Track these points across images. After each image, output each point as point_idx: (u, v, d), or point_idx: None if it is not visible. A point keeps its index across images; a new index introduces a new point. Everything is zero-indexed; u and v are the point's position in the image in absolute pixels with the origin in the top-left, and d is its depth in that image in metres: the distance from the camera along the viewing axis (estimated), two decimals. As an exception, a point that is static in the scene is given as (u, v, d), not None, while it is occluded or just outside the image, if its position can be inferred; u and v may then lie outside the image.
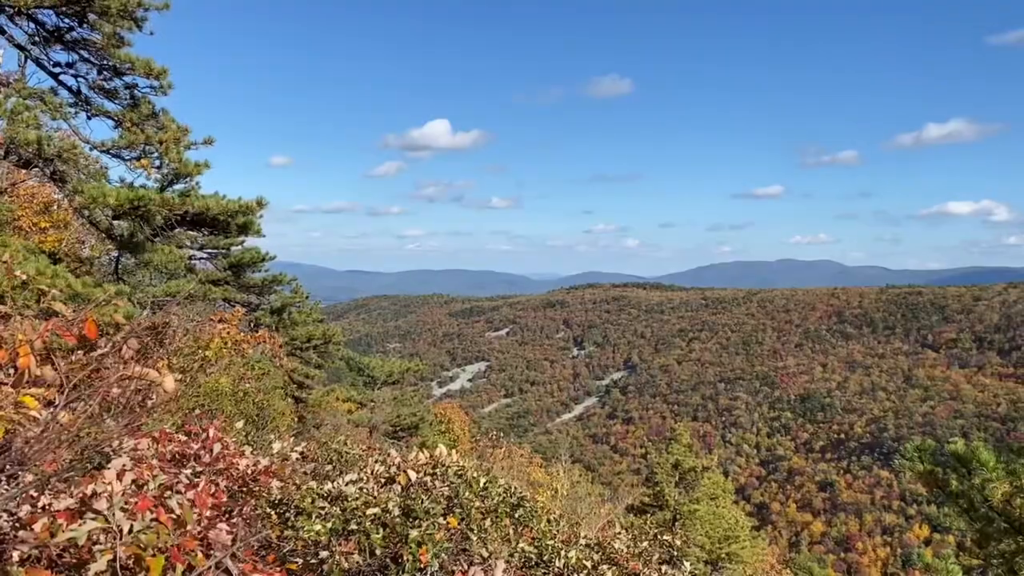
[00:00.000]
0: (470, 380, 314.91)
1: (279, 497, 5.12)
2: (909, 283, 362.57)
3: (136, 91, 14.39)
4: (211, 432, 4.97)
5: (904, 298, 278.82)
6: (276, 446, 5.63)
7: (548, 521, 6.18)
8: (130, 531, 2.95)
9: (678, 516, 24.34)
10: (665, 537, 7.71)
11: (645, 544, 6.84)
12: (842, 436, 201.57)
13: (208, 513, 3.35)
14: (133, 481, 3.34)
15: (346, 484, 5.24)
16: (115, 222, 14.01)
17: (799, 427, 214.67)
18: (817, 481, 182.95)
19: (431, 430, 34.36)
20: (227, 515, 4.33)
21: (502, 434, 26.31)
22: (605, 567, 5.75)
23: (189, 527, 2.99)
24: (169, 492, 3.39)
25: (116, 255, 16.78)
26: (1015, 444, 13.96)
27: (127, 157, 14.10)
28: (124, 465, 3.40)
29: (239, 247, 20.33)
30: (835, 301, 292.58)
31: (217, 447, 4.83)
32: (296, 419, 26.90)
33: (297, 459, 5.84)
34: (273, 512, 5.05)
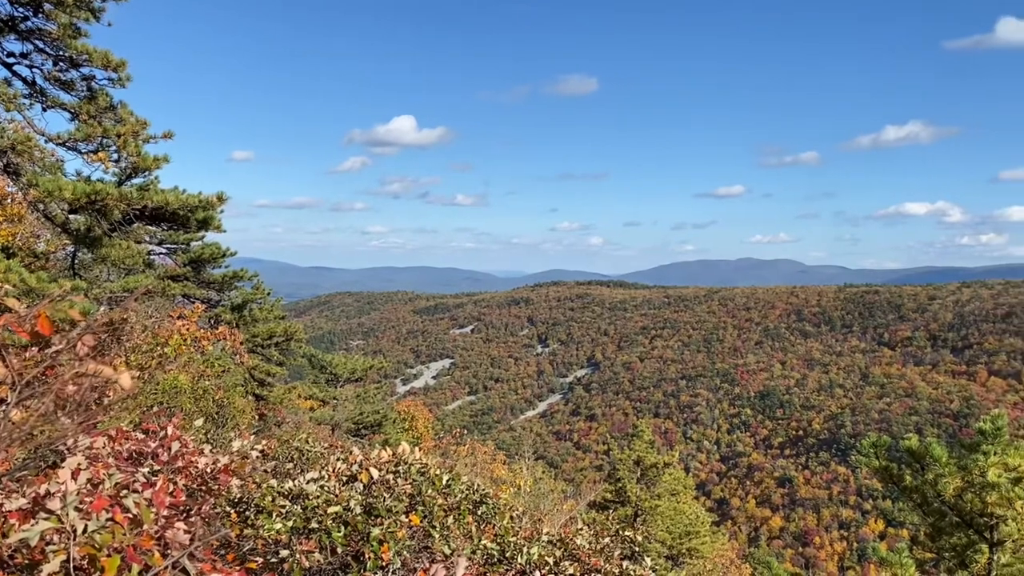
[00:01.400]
0: (434, 377, 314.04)
1: (239, 496, 5.07)
2: (867, 282, 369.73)
3: (93, 83, 14.07)
4: (169, 430, 4.90)
5: (861, 297, 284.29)
6: (236, 444, 5.57)
7: (511, 518, 6.20)
8: (84, 531, 2.90)
9: (640, 512, 24.53)
10: (626, 533, 7.78)
11: (607, 540, 6.89)
12: (800, 432, 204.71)
13: (165, 512, 3.31)
14: (88, 480, 3.29)
15: (307, 482, 5.21)
16: (71, 216, 13.72)
17: (758, 423, 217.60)
18: (776, 477, 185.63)
19: (394, 428, 34.21)
20: (185, 514, 4.27)
21: (465, 431, 26.29)
22: (567, 563, 5.78)
23: (146, 527, 2.95)
24: (125, 491, 3.34)
25: (72, 250, 16.44)
26: (967, 440, 14.33)
27: (84, 150, 13.80)
28: (79, 464, 3.34)
29: (199, 242, 20.04)
30: (794, 300, 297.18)
31: (175, 445, 4.77)
32: (257, 417, 26.60)
33: (257, 457, 5.78)
34: (233, 511, 5.00)
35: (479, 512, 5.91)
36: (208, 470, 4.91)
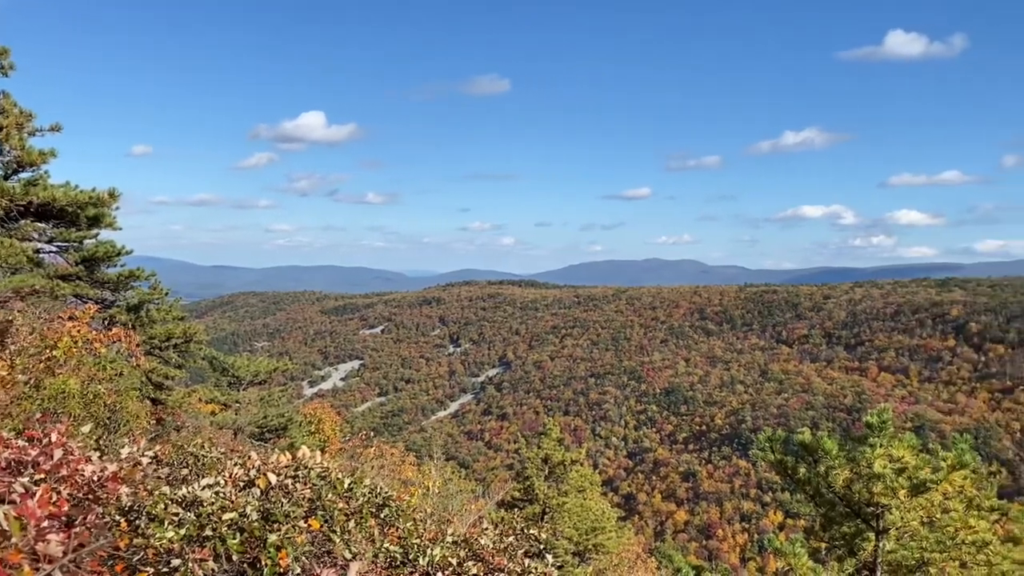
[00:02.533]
0: (343, 379, 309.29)
1: (129, 504, 4.87)
2: (765, 282, 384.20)
3: (-29, 70, 13.29)
4: (53, 436, 4.68)
5: (761, 296, 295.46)
6: (125, 451, 5.35)
7: (414, 520, 6.17)
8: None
9: (547, 509, 24.80)
10: (531, 531, 7.84)
11: (511, 539, 6.93)
12: (704, 428, 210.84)
13: (44, 524, 3.16)
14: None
15: (202, 488, 5.04)
16: (-52, 212, 12.91)
17: (664, 419, 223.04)
18: (681, 472, 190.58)
19: (300, 431, 33.52)
20: (69, 524, 4.08)
21: (373, 433, 26.00)
22: (471, 563, 5.79)
23: (15, 540, 2.81)
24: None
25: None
26: (856, 433, 15.07)
27: (-39, 142, 13.01)
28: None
29: (92, 240, 19.19)
30: (697, 299, 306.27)
31: (59, 452, 4.55)
32: (154, 422, 25.64)
33: (150, 463, 5.58)
34: (123, 519, 4.80)
35: (382, 515, 5.86)
36: (95, 478, 4.71)
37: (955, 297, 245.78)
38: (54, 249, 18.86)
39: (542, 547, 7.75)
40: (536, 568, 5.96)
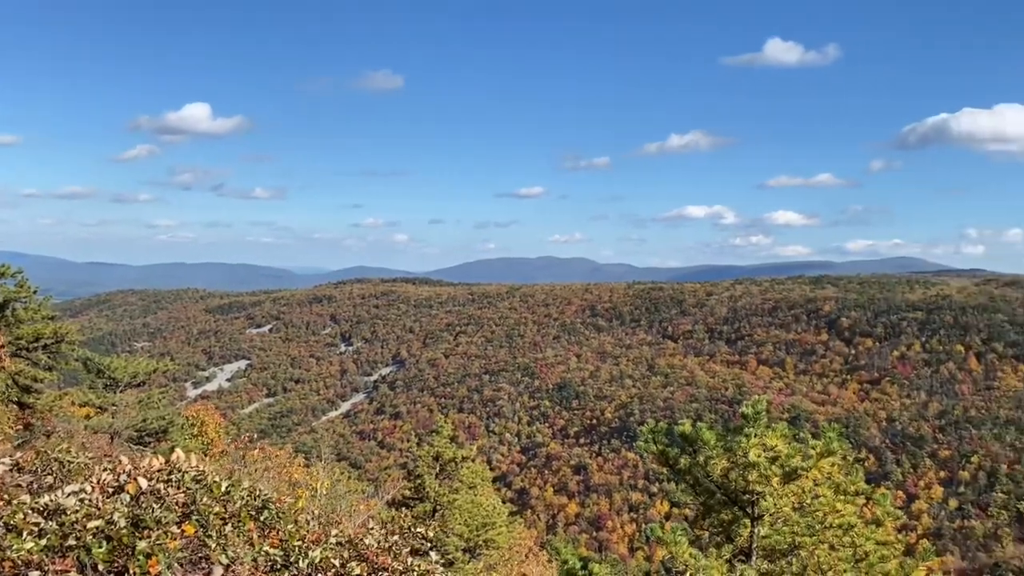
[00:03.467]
0: (229, 380, 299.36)
1: (-16, 516, 4.59)
2: (652, 279, 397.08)
3: None
4: None
5: (648, 293, 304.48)
6: (-20, 459, 5.04)
7: (296, 522, 6.06)
8: None
9: (438, 507, 24.81)
10: (418, 529, 7.84)
11: (396, 538, 6.91)
12: (594, 421, 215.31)
13: None
14: None
15: (66, 496, 4.81)
16: None
17: (556, 414, 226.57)
18: (572, 465, 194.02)
19: (182, 434, 32.28)
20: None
21: (258, 435, 25.34)
22: (354, 564, 5.74)
23: None
24: None
25: None
26: (733, 424, 15.74)
27: None
28: None
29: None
30: (588, 296, 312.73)
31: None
32: (22, 427, 24.25)
33: (8, 471, 5.27)
34: (-24, 533, 4.52)
35: (262, 518, 5.73)
36: (-56, 489, 4.41)
37: (827, 294, 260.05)
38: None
39: (428, 545, 7.76)
40: (419, 566, 5.97)
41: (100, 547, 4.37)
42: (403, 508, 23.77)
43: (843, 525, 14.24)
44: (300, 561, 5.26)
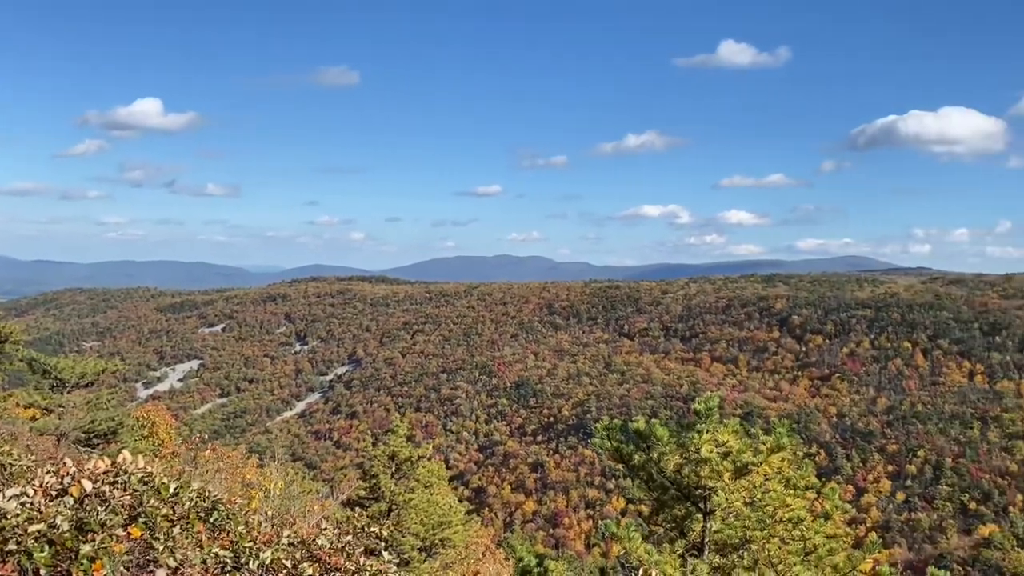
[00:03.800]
0: (181, 380, 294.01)
1: (-81, 521, 4.46)
2: (608, 278, 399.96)
3: None
4: None
5: (604, 292, 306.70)
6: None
7: (247, 523, 6.00)
8: None
9: (394, 506, 24.69)
10: (372, 529, 7.81)
11: (350, 538, 6.88)
12: (551, 419, 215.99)
13: None
14: None
15: (7, 499, 4.69)
16: None
17: (514, 412, 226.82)
18: (530, 463, 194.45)
19: (132, 435, 31.59)
20: None
21: (211, 435, 25.00)
22: (306, 564, 5.70)
23: None
24: None
25: None
26: (686, 420, 15.94)
27: None
28: None
29: None
30: (546, 294, 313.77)
31: None
32: (-38, 431, 23.49)
33: (-54, 476, 5.12)
34: (-89, 539, 4.39)
35: (211, 519, 5.66)
36: None
37: (779, 292, 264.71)
38: None
39: (382, 544, 7.74)
40: (372, 566, 5.95)
41: (42, 551, 4.28)
42: (358, 508, 23.62)
43: (793, 519, 14.50)
44: (251, 562, 5.21)
